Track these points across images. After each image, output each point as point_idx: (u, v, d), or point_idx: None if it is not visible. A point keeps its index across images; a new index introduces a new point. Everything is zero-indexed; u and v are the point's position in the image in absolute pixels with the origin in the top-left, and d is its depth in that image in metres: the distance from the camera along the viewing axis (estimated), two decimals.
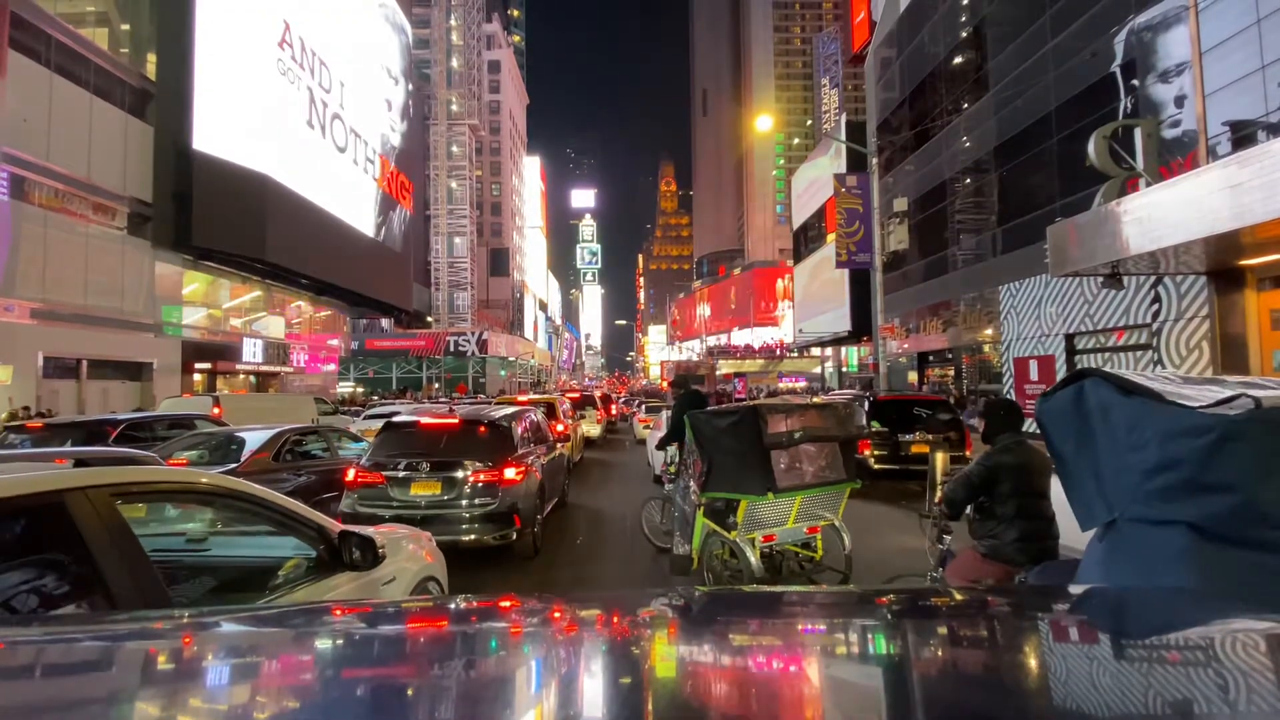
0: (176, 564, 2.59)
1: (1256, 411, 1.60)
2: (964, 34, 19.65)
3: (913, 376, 24.46)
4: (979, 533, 3.33)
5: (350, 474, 6.17)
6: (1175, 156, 10.44)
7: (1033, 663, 0.93)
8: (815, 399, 6.15)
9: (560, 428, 11.02)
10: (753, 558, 4.53)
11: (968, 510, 3.42)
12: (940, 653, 1.00)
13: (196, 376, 23.46)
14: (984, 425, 3.49)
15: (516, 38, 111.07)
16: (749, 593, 2.18)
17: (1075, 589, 1.29)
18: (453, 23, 57.72)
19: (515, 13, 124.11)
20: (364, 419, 14.76)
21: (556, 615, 1.21)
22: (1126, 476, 1.83)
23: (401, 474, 6.00)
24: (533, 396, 16.53)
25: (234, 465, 6.49)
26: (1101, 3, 12.91)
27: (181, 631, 1.16)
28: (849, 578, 4.89)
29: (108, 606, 1.66)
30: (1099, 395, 1.95)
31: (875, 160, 21.14)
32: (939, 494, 4.93)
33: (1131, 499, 1.81)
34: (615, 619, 1.18)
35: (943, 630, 1.11)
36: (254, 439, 6.95)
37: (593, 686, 0.85)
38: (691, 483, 5.18)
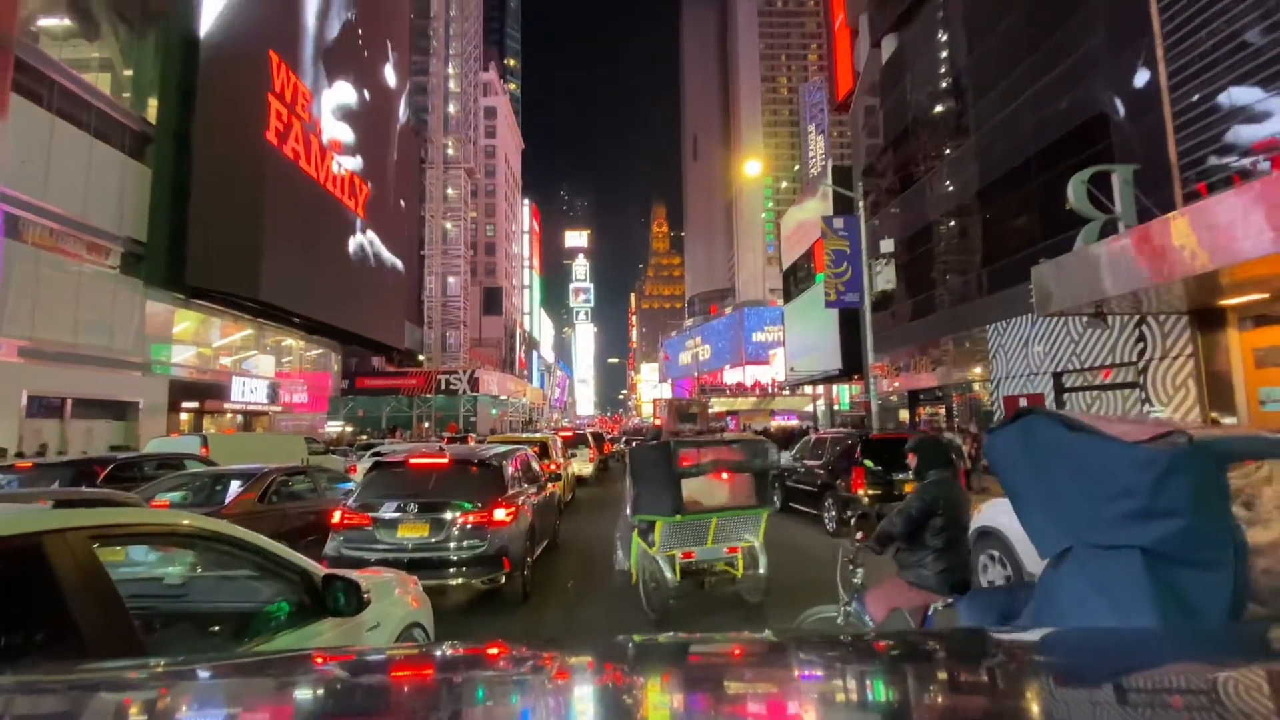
0: (153, 610, 2.50)
1: (1194, 445, 1.81)
2: (943, 84, 20.42)
3: (904, 415, 24.50)
4: (906, 563, 3.48)
5: (336, 515, 6.02)
6: (1153, 199, 10.76)
7: (1035, 707, 0.91)
8: (725, 435, 7.41)
9: (553, 466, 11.04)
10: (668, 572, 5.29)
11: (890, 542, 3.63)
12: (941, 700, 0.98)
13: (183, 416, 23.17)
14: (915, 462, 3.66)
15: (513, 85, 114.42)
16: (747, 639, 2.13)
17: (1074, 634, 1.28)
18: (450, 70, 59.47)
19: (511, 61, 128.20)
20: (370, 458, 14.43)
21: (546, 663, 1.18)
22: (1080, 506, 2.02)
23: (389, 515, 5.87)
24: (529, 436, 16.39)
25: (218, 507, 6.35)
26: (1075, 54, 13.50)
27: (156, 682, 1.12)
28: (762, 600, 5.66)
29: (79, 655, 1.59)
30: (1045, 432, 2.15)
31: (862, 203, 21.67)
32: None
33: (1087, 527, 1.99)
34: (608, 667, 1.15)
35: (943, 676, 1.09)
36: (239, 480, 6.82)
37: None
38: (628, 507, 5.98)
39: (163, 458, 9.79)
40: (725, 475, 5.67)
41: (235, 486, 6.71)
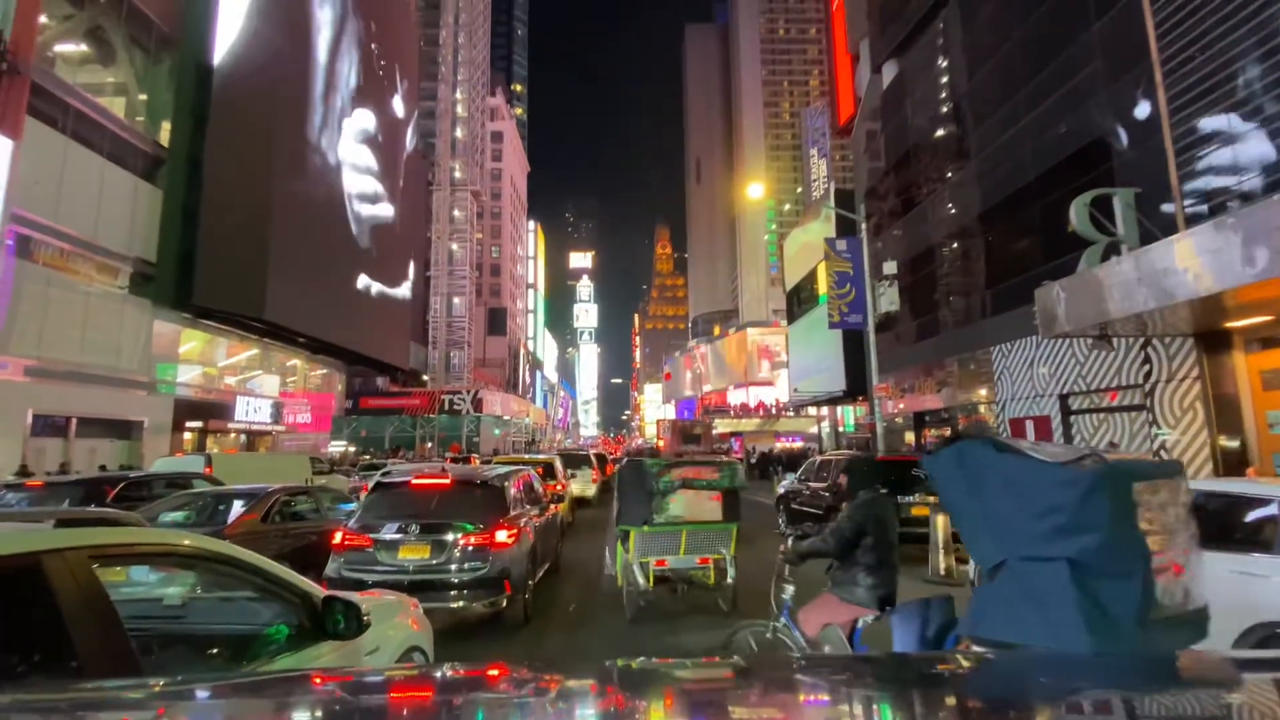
0: (151, 632, 2.48)
1: (1112, 466, 2.08)
2: (944, 109, 20.67)
3: (910, 437, 24.35)
4: (839, 580, 3.63)
5: (338, 536, 5.98)
6: (1155, 222, 10.80)
7: None
8: (696, 458, 7.90)
9: (559, 486, 11.29)
10: (640, 578, 6.09)
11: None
12: None
13: (187, 435, 23.18)
14: (847, 481, 3.89)
15: (519, 110, 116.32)
16: (749, 665, 2.10)
17: (1076, 660, 1.27)
18: (458, 96, 60.56)
19: (518, 87, 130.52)
20: (380, 477, 14.31)
21: (546, 686, 1.17)
22: (1013, 523, 2.24)
23: (390, 537, 5.82)
24: (533, 456, 16.35)
25: (221, 526, 6.32)
26: (1075, 80, 13.67)
27: (152, 702, 1.11)
28: (730, 609, 6.09)
29: (76, 675, 1.57)
30: (979, 454, 2.39)
31: (864, 225, 21.78)
32: (941, 558, 5.60)
33: (1018, 541, 2.22)
34: (609, 691, 1.15)
35: (950, 700, 1.09)
36: (242, 500, 6.79)
37: None
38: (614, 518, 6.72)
39: (171, 477, 9.84)
40: (695, 492, 6.27)
41: (238, 506, 6.69)
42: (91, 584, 1.70)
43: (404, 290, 40.92)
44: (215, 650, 2.53)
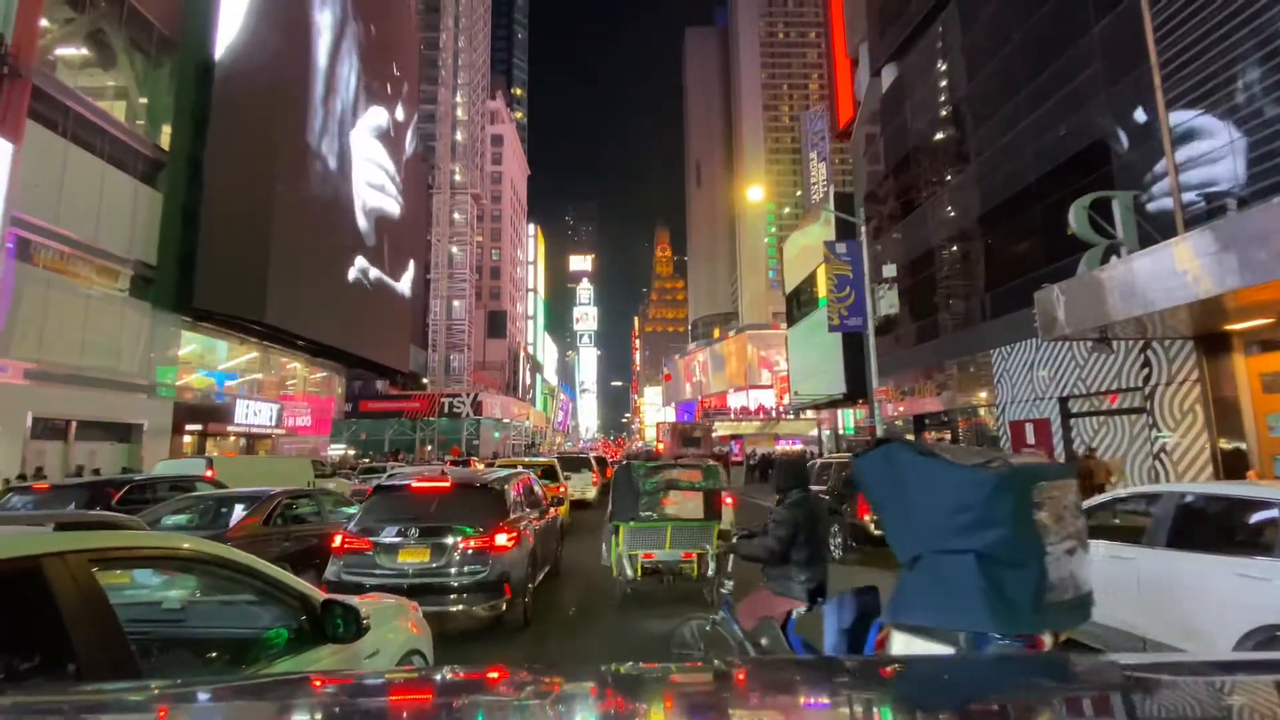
0: (151, 635, 2.47)
1: (1015, 469, 2.41)
2: (943, 113, 20.71)
3: (910, 439, 24.34)
4: (772, 575, 3.82)
5: (337, 540, 5.97)
6: (1154, 225, 10.82)
7: None
8: (678, 460, 8.64)
9: (561, 488, 11.73)
10: (628, 568, 6.76)
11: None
12: None
13: (186, 438, 23.16)
14: (777, 481, 4.08)
15: (519, 114, 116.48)
16: (748, 666, 2.11)
17: (1084, 661, 1.28)
18: (458, 99, 60.69)
19: (518, 90, 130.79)
20: (387, 479, 14.35)
21: (546, 688, 1.17)
22: (929, 520, 2.52)
23: (390, 540, 5.81)
24: (533, 459, 16.45)
25: (223, 530, 6.33)
26: (1074, 83, 13.70)
27: (152, 704, 1.11)
28: (715, 600, 6.08)
29: (75, 679, 1.57)
30: (903, 458, 2.66)
31: (864, 228, 21.80)
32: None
33: (933, 536, 2.50)
34: (609, 694, 1.15)
35: (947, 703, 1.08)
36: (244, 503, 6.79)
37: None
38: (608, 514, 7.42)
39: (174, 480, 9.87)
40: (677, 492, 7.06)
41: (240, 510, 6.68)
42: (91, 587, 1.70)
43: (404, 285, 40.92)
44: (215, 653, 2.52)
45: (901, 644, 2.67)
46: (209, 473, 11.18)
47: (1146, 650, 4.16)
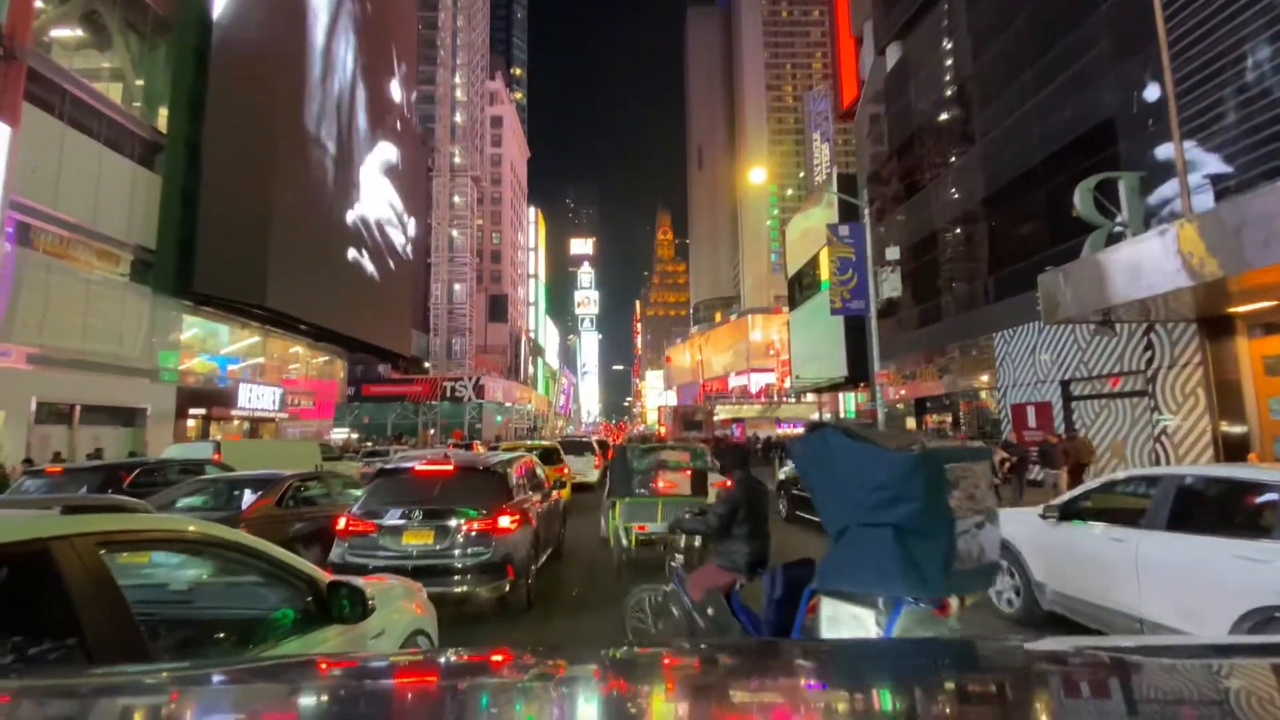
0: (158, 616, 2.50)
1: (926, 452, 2.71)
2: (948, 93, 20.44)
3: (911, 423, 24.38)
4: (718, 550, 4.12)
5: (341, 522, 6.02)
6: (1159, 206, 10.73)
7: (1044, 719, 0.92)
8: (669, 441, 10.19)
9: (565, 469, 12.59)
10: (624, 539, 7.35)
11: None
12: (947, 708, 0.98)
13: (190, 422, 23.26)
14: (721, 463, 4.56)
15: (519, 95, 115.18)
16: (750, 646, 2.13)
17: (1077, 647, 1.29)
18: (457, 80, 59.98)
19: (518, 71, 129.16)
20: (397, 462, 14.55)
21: (550, 670, 1.18)
22: (854, 496, 2.85)
23: (393, 522, 5.85)
24: (535, 442, 16.62)
25: (237, 511, 6.41)
26: (1081, 62, 13.50)
27: (161, 687, 1.12)
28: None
29: (85, 661, 1.59)
30: (833, 441, 3.00)
31: (867, 211, 21.64)
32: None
33: (857, 511, 2.82)
34: (611, 674, 1.16)
35: (950, 685, 1.08)
36: (257, 485, 6.90)
37: None
38: (606, 491, 8.30)
39: (184, 463, 9.98)
40: (668, 471, 7.93)
41: (254, 492, 6.76)
42: (99, 569, 1.71)
43: (405, 269, 40.77)
44: (222, 634, 2.55)
45: (829, 609, 3.02)
46: (216, 456, 11.30)
47: (1144, 631, 4.20)
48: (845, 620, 2.95)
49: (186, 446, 14.34)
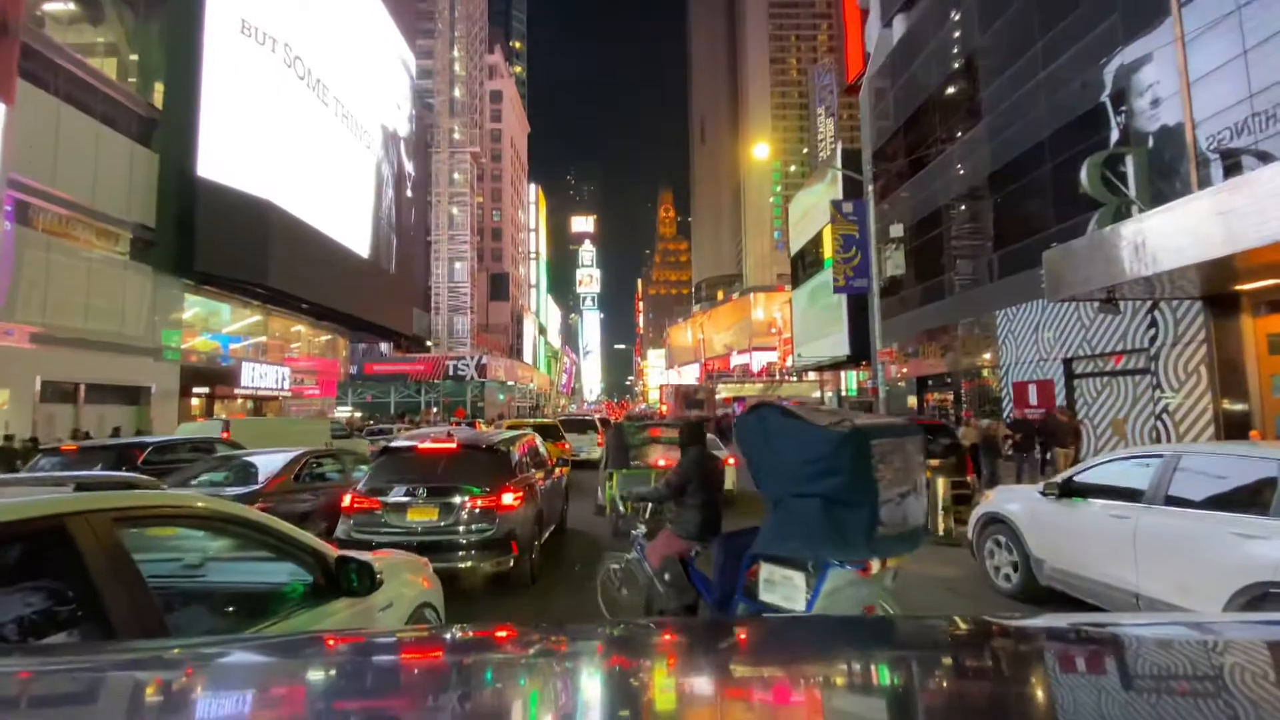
0: (172, 589, 2.55)
1: (854, 429, 2.99)
2: (956, 65, 20.08)
3: (912, 401, 24.43)
4: (674, 519, 4.34)
5: (347, 499, 6.09)
6: (1168, 183, 10.59)
7: (1040, 695, 0.93)
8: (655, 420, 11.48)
9: (567, 445, 13.34)
10: (621, 507, 7.42)
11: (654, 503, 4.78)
12: (944, 683, 1.00)
13: (194, 401, 23.38)
14: (680, 440, 4.75)
15: (518, 68, 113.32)
16: (755, 622, 2.17)
17: (1105, 623, 1.30)
18: (455, 53, 58.98)
19: (517, 44, 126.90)
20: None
21: (554, 646, 1.20)
22: (789, 469, 3.15)
23: (398, 499, 5.91)
24: (538, 420, 16.87)
25: (256, 487, 6.58)
26: (1090, 36, 13.23)
27: (181, 661, 1.15)
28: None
29: (106, 632, 1.63)
30: (771, 418, 3.30)
31: (871, 187, 21.42)
32: (941, 519, 7.92)
33: (791, 483, 3.11)
34: (615, 650, 1.18)
35: (947, 660, 1.11)
36: (274, 462, 7.07)
37: (591, 719, 0.85)
38: (603, 464, 9.15)
39: (195, 441, 10.36)
40: (661, 446, 8.93)
41: (271, 468, 6.96)
42: (115, 544, 1.74)
43: (405, 246, 40.59)
44: (234, 607, 2.60)
45: (765, 572, 3.32)
46: (225, 434, 11.56)
47: (1140, 606, 4.26)
48: (779, 582, 3.24)
49: (197, 425, 14.70)
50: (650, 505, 4.79)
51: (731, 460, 9.24)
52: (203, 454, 9.45)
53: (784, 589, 3.23)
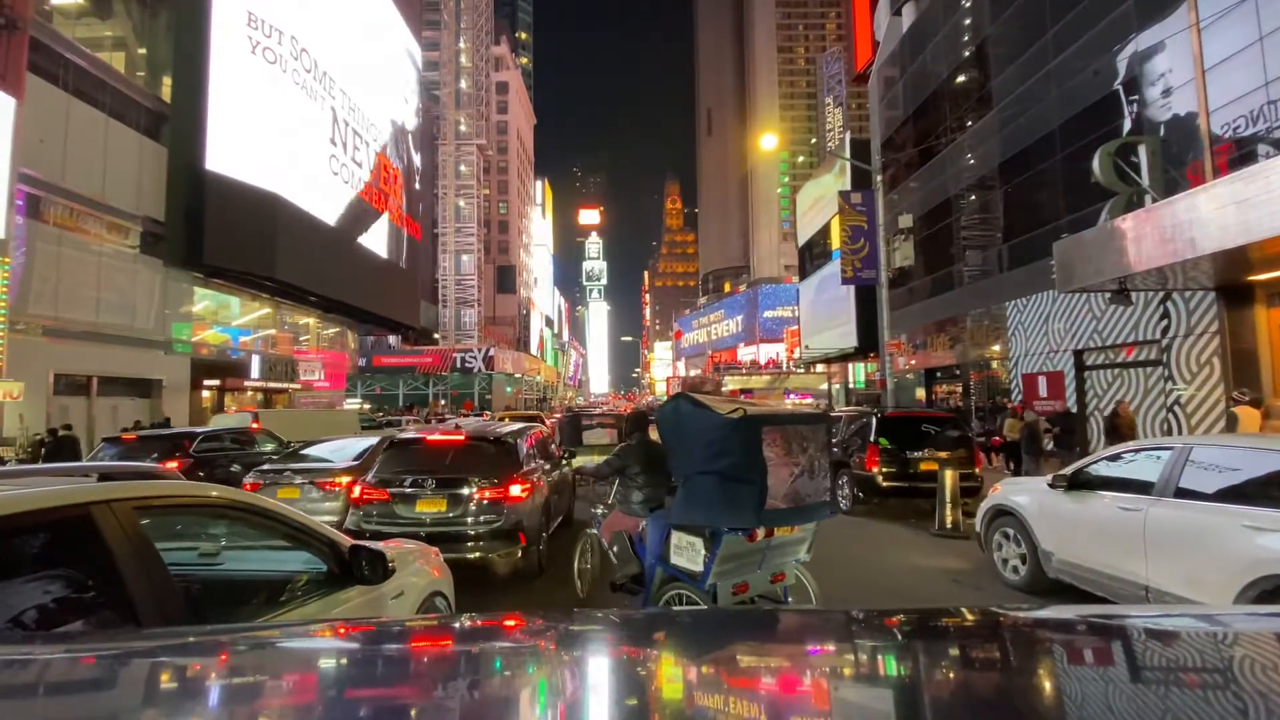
0: (190, 577, 2.60)
1: (745, 417, 3.46)
2: (966, 53, 19.84)
3: (920, 393, 24.33)
4: (623, 499, 4.87)
5: (356, 491, 6.14)
6: (1181, 172, 10.45)
7: (1048, 686, 0.92)
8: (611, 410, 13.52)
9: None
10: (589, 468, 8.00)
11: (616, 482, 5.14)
12: (951, 674, 1.00)
13: (205, 393, 23.58)
14: (625, 428, 5.33)
15: (524, 60, 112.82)
16: (761, 612, 2.18)
17: (1088, 616, 1.31)
18: (462, 45, 58.79)
19: (523, 35, 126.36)
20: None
21: (563, 634, 1.21)
22: (695, 451, 3.65)
23: (407, 491, 5.95)
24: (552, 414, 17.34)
25: (355, 463, 7.38)
26: (1103, 22, 13.04)
27: (191, 649, 1.17)
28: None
29: (130, 618, 1.67)
30: (683, 407, 3.80)
31: (880, 177, 21.24)
32: (949, 511, 8.09)
33: (696, 462, 3.63)
34: (623, 638, 1.19)
35: (954, 651, 1.10)
36: (361, 446, 8.04)
37: (599, 707, 0.85)
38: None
39: (235, 432, 11.59)
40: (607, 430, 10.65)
41: (351, 459, 7.60)
42: (138, 533, 1.79)
43: (413, 238, 40.65)
44: (250, 594, 2.64)
45: (675, 539, 3.86)
46: (255, 425, 12.82)
47: (1150, 599, 4.24)
48: (685, 547, 3.81)
49: (229, 417, 15.94)
50: (615, 489, 5.18)
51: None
52: (240, 445, 10.93)
53: (688, 553, 3.77)
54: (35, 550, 1.75)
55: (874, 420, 9.88)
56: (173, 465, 9.19)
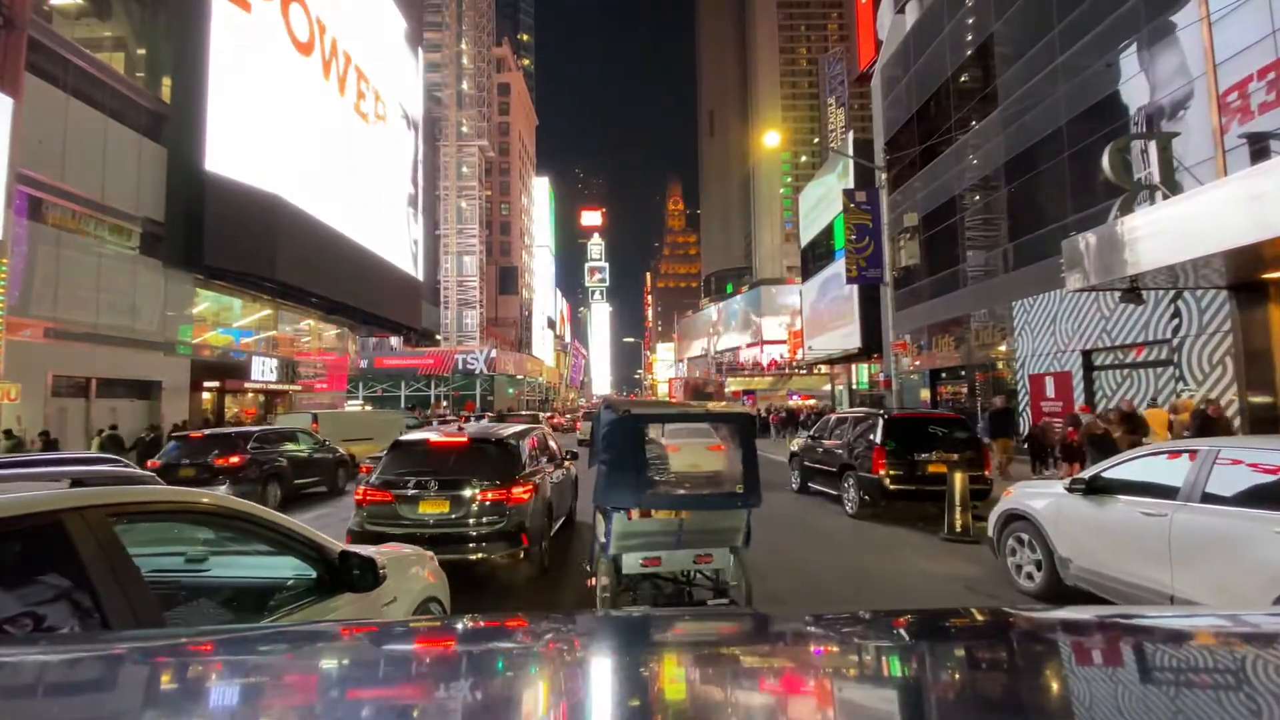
0: (174, 584, 2.53)
1: (628, 415, 4.22)
2: (971, 51, 19.72)
3: (925, 394, 24.18)
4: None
5: (359, 492, 6.10)
6: (1192, 168, 10.31)
7: (1061, 688, 0.91)
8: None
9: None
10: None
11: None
12: (958, 676, 0.98)
13: (205, 395, 23.50)
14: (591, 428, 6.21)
15: (526, 61, 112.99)
16: (769, 613, 2.18)
17: (1080, 615, 1.31)
18: (463, 46, 58.83)
19: (525, 36, 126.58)
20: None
21: (564, 635, 1.21)
22: (599, 444, 4.32)
23: (410, 492, 5.93)
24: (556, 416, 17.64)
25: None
26: (1110, 18, 12.91)
27: (174, 652, 1.13)
28: None
29: (101, 628, 1.62)
30: (604, 409, 4.48)
31: (884, 176, 21.12)
32: (959, 515, 8.09)
33: (601, 454, 4.26)
34: (625, 639, 1.18)
35: (961, 653, 1.09)
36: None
37: (601, 708, 0.84)
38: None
39: (289, 432, 12.75)
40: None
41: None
42: (111, 541, 1.73)
43: (415, 236, 40.64)
44: (237, 602, 2.59)
45: (596, 518, 4.86)
46: (314, 425, 14.16)
47: (1174, 604, 4.10)
48: (597, 524, 4.74)
49: (289, 417, 18.01)
50: None
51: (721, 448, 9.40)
52: (292, 443, 12.05)
53: (599, 529, 4.63)
54: (2, 559, 1.68)
55: (880, 422, 9.72)
56: (234, 460, 10.47)
